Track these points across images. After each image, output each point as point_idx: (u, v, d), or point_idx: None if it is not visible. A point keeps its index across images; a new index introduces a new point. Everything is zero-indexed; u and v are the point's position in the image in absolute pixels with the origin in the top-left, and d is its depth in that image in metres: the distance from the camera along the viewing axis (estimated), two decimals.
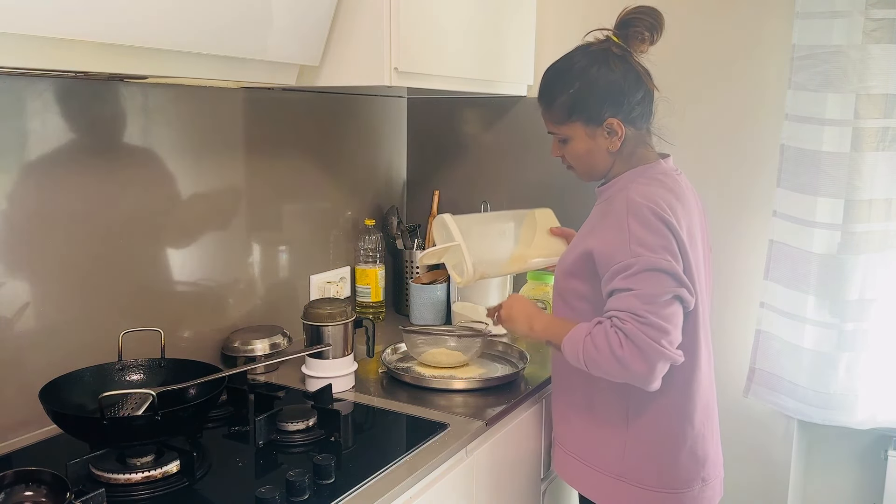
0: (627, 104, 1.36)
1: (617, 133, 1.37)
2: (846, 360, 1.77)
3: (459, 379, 1.65)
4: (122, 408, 1.32)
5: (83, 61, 1.19)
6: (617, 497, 1.41)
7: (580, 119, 1.37)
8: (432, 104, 2.32)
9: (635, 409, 1.38)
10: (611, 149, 1.39)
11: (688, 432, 1.38)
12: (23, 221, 1.36)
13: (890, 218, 1.72)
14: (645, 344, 1.22)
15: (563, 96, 1.38)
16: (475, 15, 1.83)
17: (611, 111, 1.36)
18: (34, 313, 1.39)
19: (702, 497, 1.41)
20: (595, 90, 1.36)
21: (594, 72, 1.36)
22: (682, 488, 1.39)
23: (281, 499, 1.14)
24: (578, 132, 1.39)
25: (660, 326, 1.23)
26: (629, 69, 1.37)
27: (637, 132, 1.40)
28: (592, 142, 1.39)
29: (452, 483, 1.39)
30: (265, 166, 1.86)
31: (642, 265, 1.25)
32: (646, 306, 1.24)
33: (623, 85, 1.36)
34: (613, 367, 1.25)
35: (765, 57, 1.87)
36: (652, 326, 1.23)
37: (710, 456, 1.42)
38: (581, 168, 1.44)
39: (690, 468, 1.39)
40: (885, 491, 1.84)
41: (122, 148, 1.52)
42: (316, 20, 1.51)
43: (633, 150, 1.41)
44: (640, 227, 1.28)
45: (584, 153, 1.40)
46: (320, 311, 1.60)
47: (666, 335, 1.24)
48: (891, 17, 1.64)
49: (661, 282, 1.25)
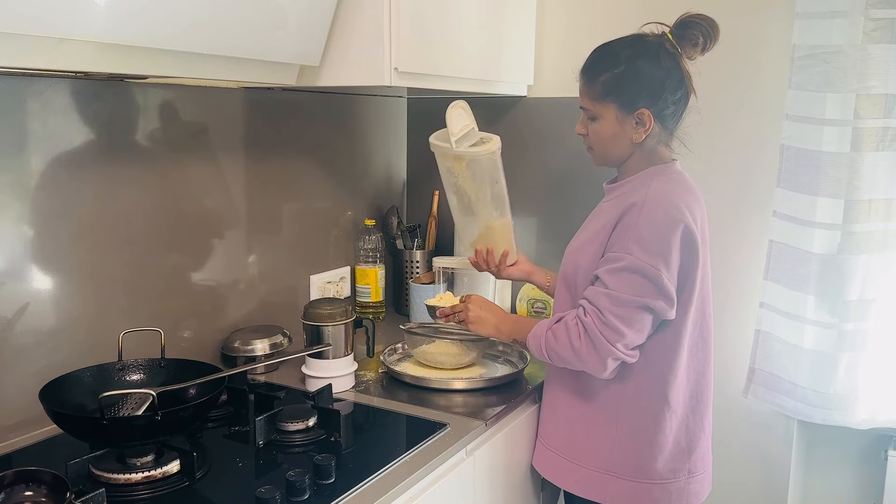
0: (663, 100, 1.39)
1: (645, 125, 1.39)
2: (846, 360, 1.77)
3: (459, 379, 1.65)
4: (122, 408, 1.32)
5: (83, 61, 1.19)
6: (604, 490, 1.45)
7: (615, 101, 1.39)
8: (432, 104, 2.31)
9: (626, 404, 1.42)
10: (635, 139, 1.41)
11: (672, 423, 1.42)
12: (22, 221, 1.36)
13: (890, 218, 1.72)
14: (599, 342, 1.33)
15: (606, 74, 1.39)
16: (475, 15, 1.83)
17: (646, 102, 1.38)
18: (34, 313, 1.39)
19: (688, 489, 1.45)
20: (638, 78, 1.37)
21: (642, 61, 1.38)
22: (669, 479, 1.43)
23: (281, 499, 1.14)
24: (609, 114, 1.40)
25: (617, 329, 1.32)
26: (676, 68, 1.39)
27: (663, 131, 1.43)
28: (619, 127, 1.41)
29: (452, 483, 1.39)
30: (265, 166, 1.86)
31: (628, 264, 1.31)
32: (612, 307, 1.32)
33: (665, 81, 1.38)
34: (570, 356, 1.37)
35: (765, 57, 1.87)
36: (609, 328, 1.32)
37: (697, 449, 1.46)
38: (599, 150, 1.46)
39: (676, 459, 1.43)
40: (885, 491, 1.84)
41: (122, 148, 1.52)
42: (316, 20, 1.51)
43: (654, 147, 1.43)
44: (646, 227, 1.32)
45: (609, 136, 1.42)
46: (320, 311, 1.60)
47: (622, 338, 1.33)
48: (891, 17, 1.64)
49: (637, 287, 1.31)
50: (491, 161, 1.65)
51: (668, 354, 1.40)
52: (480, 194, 1.69)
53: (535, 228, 2.19)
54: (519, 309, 2.14)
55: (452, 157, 1.65)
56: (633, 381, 1.41)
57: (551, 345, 1.39)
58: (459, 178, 1.67)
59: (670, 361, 1.40)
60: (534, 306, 2.10)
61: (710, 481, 1.52)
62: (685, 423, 1.44)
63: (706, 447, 1.50)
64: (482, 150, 1.64)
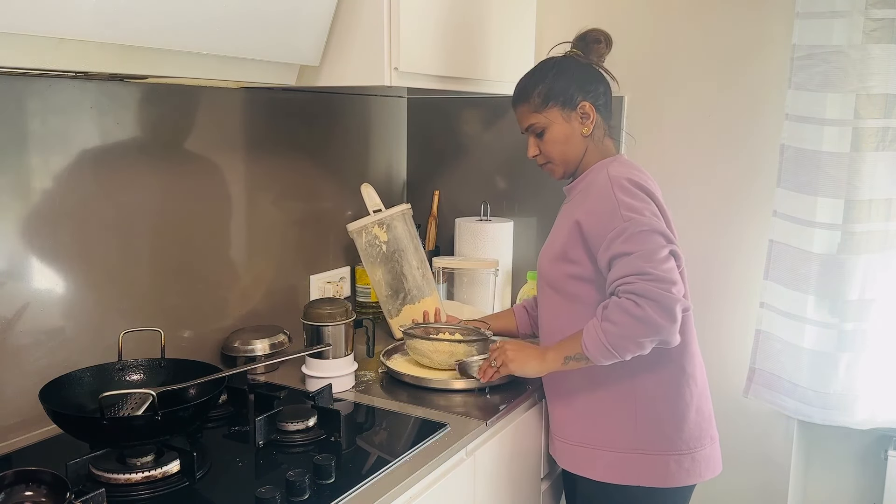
0: (594, 92, 1.50)
1: (590, 116, 1.49)
2: (846, 360, 1.77)
3: (459, 379, 1.65)
4: (122, 408, 1.32)
5: (83, 61, 1.19)
6: (634, 470, 1.45)
7: (557, 104, 1.48)
8: (432, 104, 2.32)
9: (641, 378, 1.43)
10: (584, 132, 1.49)
11: (693, 391, 1.46)
12: (22, 221, 1.36)
13: (890, 218, 1.72)
14: (659, 296, 1.29)
15: (539, 87, 1.49)
16: (475, 15, 1.83)
17: (582, 95, 1.48)
18: (34, 313, 1.39)
19: (713, 455, 1.49)
20: (567, 78, 1.49)
21: (564, 65, 1.51)
22: (696, 447, 1.46)
23: (281, 499, 1.14)
24: (556, 117, 1.49)
25: (666, 279, 1.31)
26: (590, 66, 1.52)
27: (605, 123, 1.53)
28: (569, 126, 1.49)
29: (452, 483, 1.39)
30: (265, 166, 1.86)
31: (636, 226, 1.35)
32: (648, 264, 1.32)
33: (589, 75, 1.51)
34: (639, 330, 1.30)
35: (765, 57, 1.87)
36: (659, 280, 1.30)
37: (712, 415, 1.51)
38: (558, 157, 1.52)
39: (702, 426, 1.47)
40: (885, 491, 1.84)
41: (122, 148, 1.52)
42: (316, 20, 1.51)
43: (602, 139, 1.53)
44: (625, 196, 1.38)
45: (562, 138, 1.50)
46: (320, 311, 1.60)
47: (674, 284, 1.32)
48: (891, 17, 1.64)
49: (655, 240, 1.35)
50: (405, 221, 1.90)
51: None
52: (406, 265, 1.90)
53: (536, 228, 2.19)
54: None
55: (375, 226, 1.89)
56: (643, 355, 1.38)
57: (612, 332, 1.32)
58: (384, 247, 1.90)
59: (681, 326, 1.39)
60: None
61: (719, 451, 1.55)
62: (703, 389, 1.49)
63: (712, 412, 1.54)
64: (396, 209, 1.90)
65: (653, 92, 2.01)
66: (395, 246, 1.89)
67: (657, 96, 2.01)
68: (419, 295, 1.92)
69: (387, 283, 1.92)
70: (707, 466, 1.48)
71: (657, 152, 2.02)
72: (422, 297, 1.92)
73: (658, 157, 2.02)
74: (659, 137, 2.02)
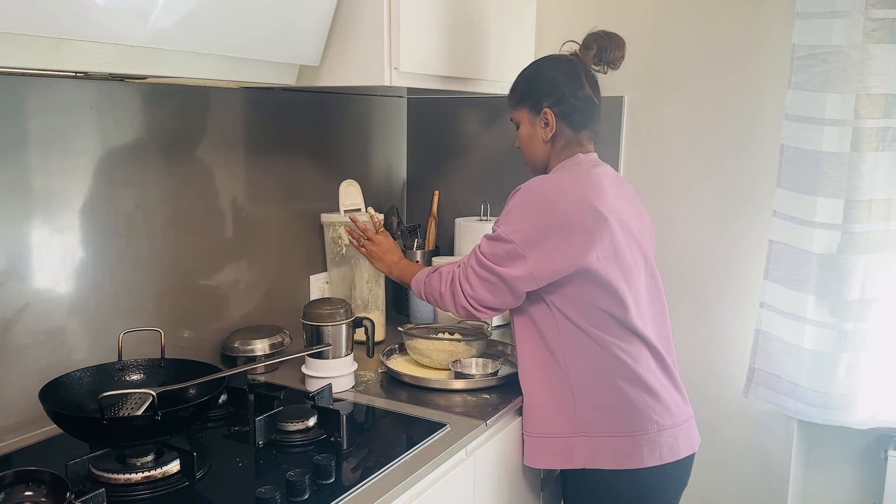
0: (565, 101, 1.51)
1: (549, 124, 1.52)
2: (846, 360, 1.77)
3: (459, 379, 1.65)
4: (122, 408, 1.32)
5: (83, 61, 1.19)
6: (577, 452, 1.49)
7: (526, 105, 1.55)
8: (432, 104, 2.32)
9: (574, 365, 1.48)
10: (544, 138, 1.54)
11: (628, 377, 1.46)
12: (22, 221, 1.36)
13: (890, 218, 1.72)
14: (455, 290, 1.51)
15: (520, 85, 1.57)
16: (475, 15, 1.83)
17: (548, 102, 1.51)
18: (34, 313, 1.39)
19: (659, 442, 1.47)
20: (539, 81, 1.53)
21: (544, 67, 1.55)
22: (637, 432, 1.46)
23: (281, 499, 1.14)
24: (524, 117, 1.56)
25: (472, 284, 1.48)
26: (573, 72, 1.52)
27: (574, 133, 1.53)
28: (532, 129, 1.55)
29: (452, 483, 1.39)
30: (265, 166, 1.86)
31: (495, 234, 1.48)
32: (474, 266, 1.49)
33: (563, 82, 1.51)
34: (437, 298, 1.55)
35: (765, 57, 1.87)
36: (467, 282, 1.49)
37: (659, 404, 1.48)
38: (526, 155, 1.60)
39: (641, 412, 1.47)
40: (885, 491, 1.84)
41: (121, 148, 1.52)
42: (316, 20, 1.51)
43: (566, 146, 1.55)
44: (514, 204, 1.46)
45: (527, 138, 1.57)
46: (320, 311, 1.60)
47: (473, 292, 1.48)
48: (891, 17, 1.64)
49: (496, 254, 1.46)
50: None
51: (592, 314, 1.45)
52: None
53: None
54: None
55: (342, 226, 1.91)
56: (571, 343, 1.47)
57: (429, 286, 1.56)
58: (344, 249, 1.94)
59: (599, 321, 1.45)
60: None
61: (687, 438, 1.51)
62: (649, 379, 1.47)
63: (675, 401, 1.51)
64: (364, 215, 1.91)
65: (653, 92, 2.01)
66: (353, 252, 1.89)
67: (657, 96, 2.01)
68: (362, 306, 1.93)
69: (338, 283, 1.96)
70: (651, 452, 1.46)
71: (657, 152, 2.02)
72: (365, 309, 1.93)
73: (658, 158, 2.02)
74: (659, 137, 2.02)
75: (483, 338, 1.77)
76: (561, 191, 1.44)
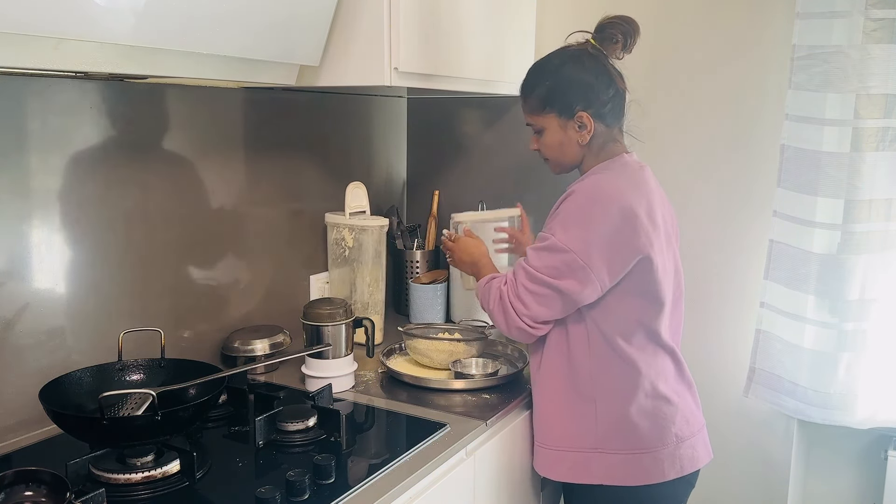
0: (598, 101, 1.44)
1: (587, 127, 1.45)
2: (846, 360, 1.77)
3: (459, 379, 1.65)
4: (122, 408, 1.32)
5: (83, 61, 1.19)
6: (597, 468, 1.46)
7: (553, 110, 1.46)
8: (432, 104, 2.32)
9: (600, 381, 1.45)
10: (581, 142, 1.46)
11: (647, 393, 1.44)
12: (22, 221, 1.36)
13: (890, 218, 1.72)
14: (508, 311, 1.44)
15: (540, 88, 1.47)
16: (475, 15, 1.83)
17: (582, 105, 1.44)
18: (34, 313, 1.39)
19: (678, 454, 1.46)
20: (568, 84, 1.45)
21: (568, 68, 1.46)
22: (657, 447, 1.45)
23: (281, 499, 1.14)
24: (552, 123, 1.47)
25: (525, 302, 1.42)
26: (601, 69, 1.45)
27: (608, 129, 1.48)
28: (564, 134, 1.47)
29: (452, 483, 1.39)
30: (265, 166, 1.86)
31: (549, 244, 1.40)
32: (526, 282, 1.42)
33: (594, 82, 1.44)
34: (489, 314, 1.49)
35: (765, 57, 1.87)
36: (519, 300, 1.42)
37: (678, 415, 1.47)
38: (553, 158, 1.53)
39: (662, 427, 1.45)
40: (885, 491, 1.84)
41: (121, 148, 1.52)
42: (316, 20, 1.51)
43: (603, 145, 1.48)
44: (570, 210, 1.40)
45: (557, 144, 1.49)
46: (320, 311, 1.60)
47: (528, 311, 1.42)
48: (891, 17, 1.64)
49: (551, 266, 1.39)
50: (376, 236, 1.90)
51: (626, 328, 1.43)
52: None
53: (536, 228, 2.18)
54: None
55: (346, 228, 1.91)
56: (599, 357, 1.44)
57: (483, 297, 1.52)
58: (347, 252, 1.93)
59: (630, 334, 1.43)
60: None
61: (703, 446, 1.52)
62: (667, 392, 1.46)
63: (692, 412, 1.51)
64: (372, 222, 1.90)
65: (652, 92, 2.01)
66: (356, 255, 1.90)
67: (657, 96, 2.01)
68: (362, 310, 1.92)
69: (338, 284, 1.95)
70: (672, 465, 1.46)
71: (657, 152, 2.02)
72: (364, 312, 1.92)
73: (658, 158, 2.02)
74: (659, 137, 2.01)
75: (483, 338, 1.77)
76: (620, 193, 1.39)
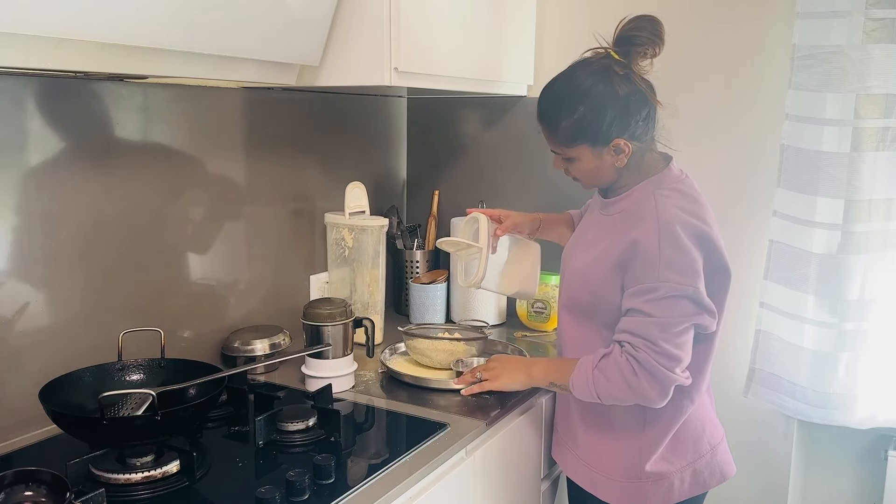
0: (633, 125, 1.35)
1: (624, 151, 1.36)
2: (846, 360, 1.77)
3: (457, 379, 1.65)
4: (122, 408, 1.32)
5: (83, 61, 1.19)
6: (635, 494, 1.44)
7: (586, 142, 1.36)
8: (432, 104, 2.32)
9: (651, 415, 1.40)
10: (617, 165, 1.38)
11: (689, 413, 1.43)
12: (22, 222, 1.36)
13: (890, 218, 1.72)
14: (658, 372, 1.29)
15: (568, 121, 1.35)
16: (475, 15, 1.83)
17: (617, 132, 1.34)
18: (34, 313, 1.39)
19: (714, 461, 1.46)
20: (601, 114, 1.33)
21: (599, 94, 1.33)
22: (694, 460, 1.44)
23: (281, 499, 1.14)
24: (584, 153, 1.38)
25: (672, 356, 1.29)
26: (633, 89, 1.34)
27: (642, 144, 1.39)
28: (599, 160, 1.38)
29: (452, 483, 1.39)
30: (265, 166, 1.86)
31: (667, 291, 1.29)
32: (662, 335, 1.29)
33: (629, 106, 1.33)
34: (626, 394, 1.33)
35: (765, 57, 1.87)
36: (665, 355, 1.29)
37: (706, 423, 1.47)
38: (587, 181, 1.45)
39: (696, 441, 1.45)
40: (885, 491, 1.84)
41: (122, 148, 1.52)
42: (316, 20, 1.51)
43: (640, 160, 1.41)
44: (670, 250, 1.30)
45: (591, 170, 1.40)
46: (320, 311, 1.60)
47: (678, 363, 1.30)
48: (891, 17, 1.64)
49: (682, 309, 1.30)
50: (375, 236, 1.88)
51: (702, 358, 1.40)
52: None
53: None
54: (518, 310, 2.14)
55: (345, 228, 1.90)
56: None
57: (602, 385, 1.34)
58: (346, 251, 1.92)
59: (702, 365, 1.40)
60: (534, 306, 2.10)
61: (727, 449, 1.52)
62: (700, 405, 1.46)
63: (714, 419, 1.52)
64: (372, 222, 1.89)
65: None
66: (356, 255, 1.90)
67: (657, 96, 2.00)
68: (361, 310, 1.92)
69: (338, 285, 1.96)
70: (712, 474, 1.46)
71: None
72: (364, 313, 1.91)
73: None
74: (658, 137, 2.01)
75: (483, 337, 1.77)
76: (696, 216, 1.34)
